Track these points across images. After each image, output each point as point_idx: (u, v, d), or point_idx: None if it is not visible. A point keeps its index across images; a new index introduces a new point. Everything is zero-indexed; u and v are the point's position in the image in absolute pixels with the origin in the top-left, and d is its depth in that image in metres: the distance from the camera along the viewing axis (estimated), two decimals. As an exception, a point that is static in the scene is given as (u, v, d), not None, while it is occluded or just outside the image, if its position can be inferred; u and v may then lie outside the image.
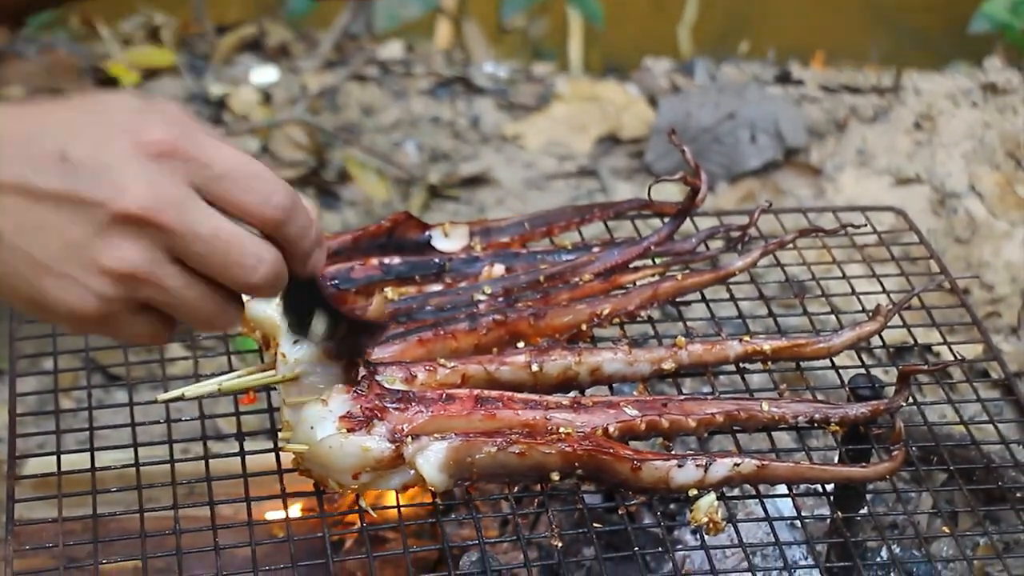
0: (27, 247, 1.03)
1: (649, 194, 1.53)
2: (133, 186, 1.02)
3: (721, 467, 1.24)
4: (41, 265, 1.04)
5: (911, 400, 1.37)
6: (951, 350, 1.48)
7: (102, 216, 1.02)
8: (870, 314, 1.44)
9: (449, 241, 1.48)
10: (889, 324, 1.46)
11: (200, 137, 1.04)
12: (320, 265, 1.13)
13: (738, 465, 1.25)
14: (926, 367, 1.34)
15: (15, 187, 1.03)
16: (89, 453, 1.31)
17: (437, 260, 1.44)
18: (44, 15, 2.94)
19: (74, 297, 1.04)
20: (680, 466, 1.24)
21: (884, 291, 1.53)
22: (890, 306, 1.43)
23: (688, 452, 1.25)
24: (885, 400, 1.33)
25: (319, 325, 1.19)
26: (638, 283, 1.45)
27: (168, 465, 1.30)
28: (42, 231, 1.03)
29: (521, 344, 1.35)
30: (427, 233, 1.48)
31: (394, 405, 1.22)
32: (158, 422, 1.36)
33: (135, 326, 1.07)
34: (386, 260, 1.43)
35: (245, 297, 1.35)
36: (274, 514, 1.41)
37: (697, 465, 1.24)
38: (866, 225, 1.61)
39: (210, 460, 1.30)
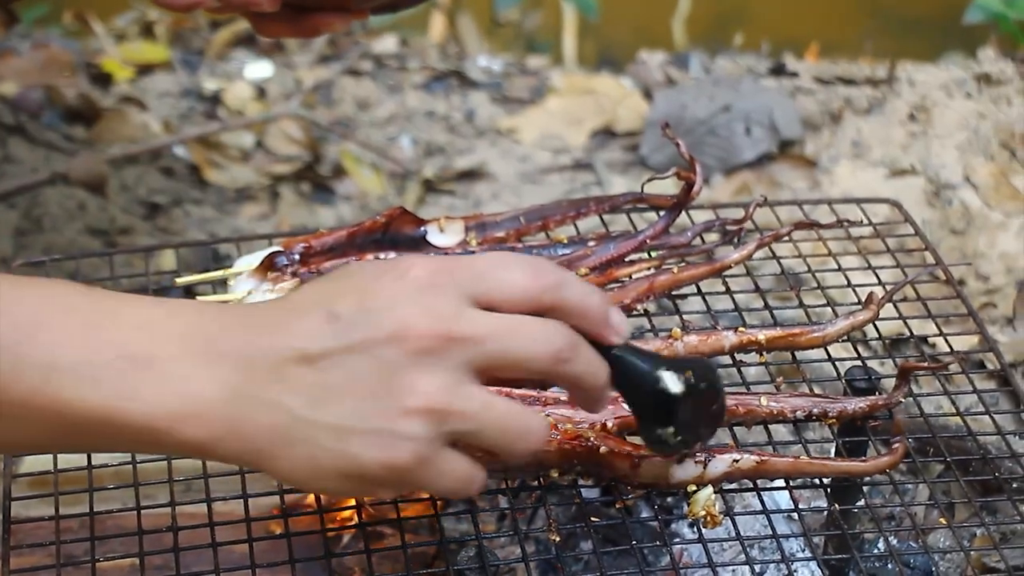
0: (325, 416, 0.97)
1: (643, 188, 1.53)
2: (416, 314, 0.98)
3: (720, 463, 1.25)
4: (345, 429, 0.97)
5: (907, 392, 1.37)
6: (947, 342, 1.48)
7: (394, 354, 0.97)
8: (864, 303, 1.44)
9: (445, 236, 1.48)
10: (885, 316, 1.46)
11: (453, 257, 1.04)
12: (623, 327, 1.06)
13: (737, 461, 1.25)
14: (926, 365, 1.34)
15: (294, 361, 0.97)
16: (86, 450, 1.31)
17: (433, 255, 1.44)
18: (37, 10, 2.94)
19: (387, 450, 0.97)
20: (679, 462, 1.24)
21: (880, 283, 1.53)
22: (883, 294, 1.44)
23: (686, 447, 1.25)
24: (884, 396, 1.33)
25: (672, 381, 1.07)
26: (634, 276, 1.45)
27: (165, 462, 1.30)
28: (335, 395, 0.97)
29: (518, 338, 1.35)
30: (422, 228, 1.48)
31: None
32: (155, 419, 1.36)
33: (451, 466, 1.00)
34: (382, 255, 1.43)
35: (243, 287, 1.35)
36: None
37: (696, 461, 1.24)
38: (864, 222, 1.61)
39: (207, 457, 1.30)
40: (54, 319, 0.98)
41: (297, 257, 1.41)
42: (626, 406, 1.13)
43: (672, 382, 1.06)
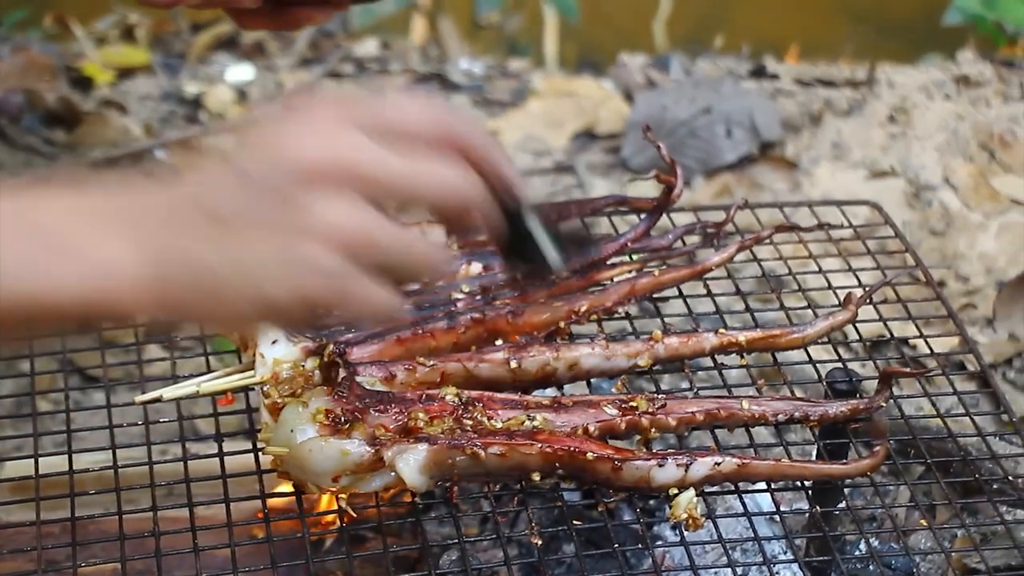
0: (235, 259, 1.01)
1: (623, 188, 1.53)
2: (314, 149, 1.01)
3: (702, 466, 1.25)
4: (256, 268, 1.01)
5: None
6: (927, 343, 1.48)
7: (296, 190, 1.01)
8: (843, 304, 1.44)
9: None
10: (866, 318, 1.47)
11: (358, 98, 1.06)
12: (525, 188, 1.10)
13: (719, 464, 1.25)
14: (908, 371, 1.35)
15: (199, 212, 1.01)
16: (67, 455, 1.31)
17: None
18: (17, 14, 2.93)
19: (301, 281, 1.01)
20: (661, 466, 1.24)
21: (860, 284, 1.54)
22: (862, 295, 1.44)
23: (668, 451, 1.26)
24: (865, 400, 1.33)
25: (549, 249, 1.12)
26: (615, 279, 1.45)
27: (147, 467, 1.30)
28: (243, 237, 1.01)
29: (500, 342, 1.35)
30: (403, 233, 1.47)
31: (374, 407, 1.22)
32: (136, 424, 1.36)
33: (361, 290, 1.03)
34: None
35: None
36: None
37: (678, 464, 1.24)
38: (844, 224, 1.61)
39: (189, 461, 1.30)
40: None
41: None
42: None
43: (549, 251, 1.12)
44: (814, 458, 1.37)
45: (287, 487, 1.25)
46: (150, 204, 1.03)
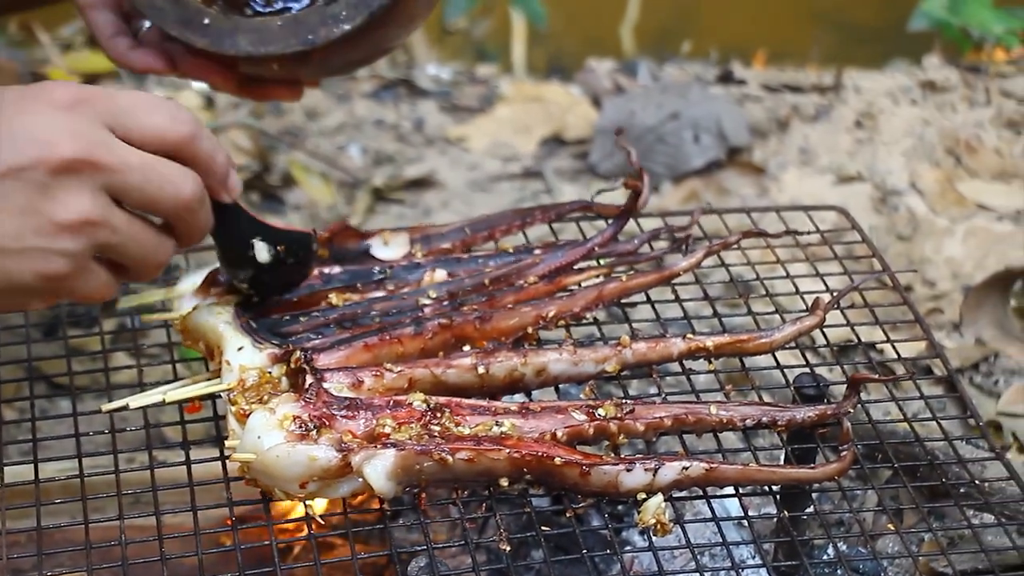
0: None
1: (593, 198, 1.53)
2: (59, 138, 1.06)
3: (670, 471, 1.25)
4: (6, 246, 1.07)
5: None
6: (894, 348, 1.49)
7: (40, 175, 1.06)
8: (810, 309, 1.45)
9: (389, 249, 1.47)
10: (833, 323, 1.47)
11: (99, 87, 1.11)
12: (238, 188, 1.20)
13: (687, 468, 1.25)
14: (876, 377, 1.35)
15: None
16: (33, 464, 1.30)
17: (378, 268, 1.44)
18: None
19: (42, 264, 1.08)
20: (629, 470, 1.24)
21: (827, 289, 1.54)
22: (829, 300, 1.44)
23: (636, 456, 1.26)
24: (833, 405, 1.34)
25: (262, 251, 1.24)
26: (583, 285, 1.45)
27: (113, 475, 1.29)
28: None
29: (467, 348, 1.35)
30: (366, 242, 1.47)
31: (342, 413, 1.21)
32: (103, 432, 1.35)
33: (94, 279, 1.12)
34: (326, 270, 1.42)
35: (188, 304, 1.35)
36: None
37: (646, 469, 1.24)
38: (812, 232, 1.62)
39: (156, 469, 1.30)
40: None
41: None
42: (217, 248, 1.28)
43: (262, 252, 1.25)
44: (782, 463, 1.37)
45: (254, 495, 1.25)
46: None
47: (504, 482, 1.23)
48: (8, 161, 1.06)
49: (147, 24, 1.55)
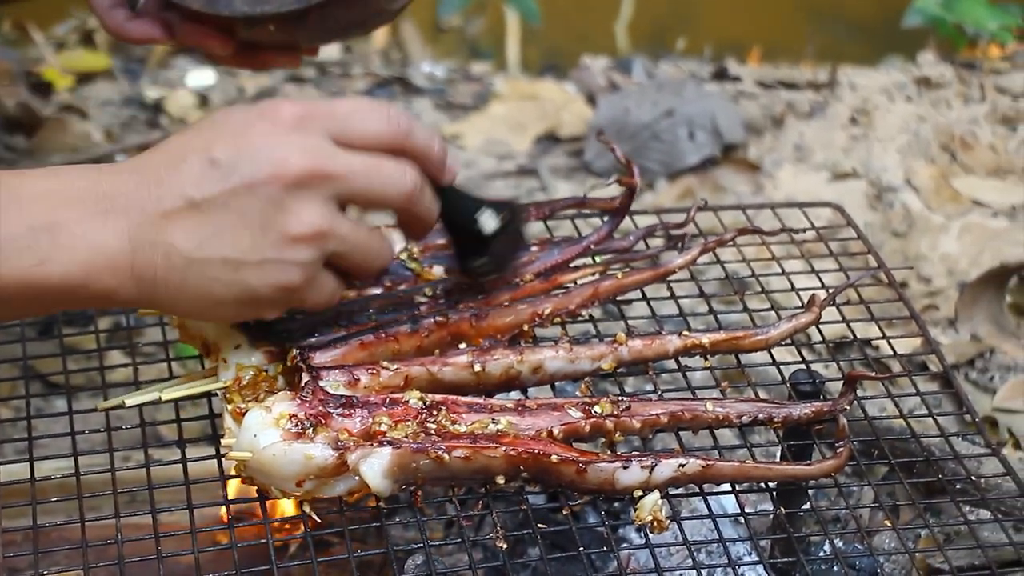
0: (217, 253, 1.11)
1: (585, 194, 1.53)
2: (290, 154, 1.11)
3: (666, 468, 1.25)
4: (238, 262, 1.12)
5: (851, 395, 1.38)
6: (890, 344, 1.49)
7: (275, 191, 1.11)
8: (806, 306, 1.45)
9: (386, 246, 1.47)
10: (829, 319, 1.47)
11: (315, 100, 1.16)
12: (455, 170, 1.24)
13: (683, 466, 1.25)
14: (873, 375, 1.35)
15: (183, 208, 1.10)
16: (28, 463, 1.30)
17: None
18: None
19: (278, 276, 1.13)
20: (625, 467, 1.24)
21: (823, 286, 1.54)
22: (824, 297, 1.44)
23: (633, 453, 1.26)
24: (829, 402, 1.34)
25: (490, 219, 1.27)
26: (579, 282, 1.45)
27: (109, 474, 1.29)
28: (225, 233, 1.11)
29: (463, 345, 1.35)
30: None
31: (338, 411, 1.21)
32: (99, 430, 1.35)
33: (324, 286, 1.18)
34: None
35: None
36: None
37: (642, 466, 1.24)
38: (807, 229, 1.62)
39: (152, 468, 1.30)
40: None
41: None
42: (448, 236, 1.31)
43: (488, 222, 1.27)
44: (778, 459, 1.37)
45: (251, 493, 1.25)
46: (132, 188, 1.11)
47: (500, 480, 1.23)
48: (246, 179, 1.11)
49: None
